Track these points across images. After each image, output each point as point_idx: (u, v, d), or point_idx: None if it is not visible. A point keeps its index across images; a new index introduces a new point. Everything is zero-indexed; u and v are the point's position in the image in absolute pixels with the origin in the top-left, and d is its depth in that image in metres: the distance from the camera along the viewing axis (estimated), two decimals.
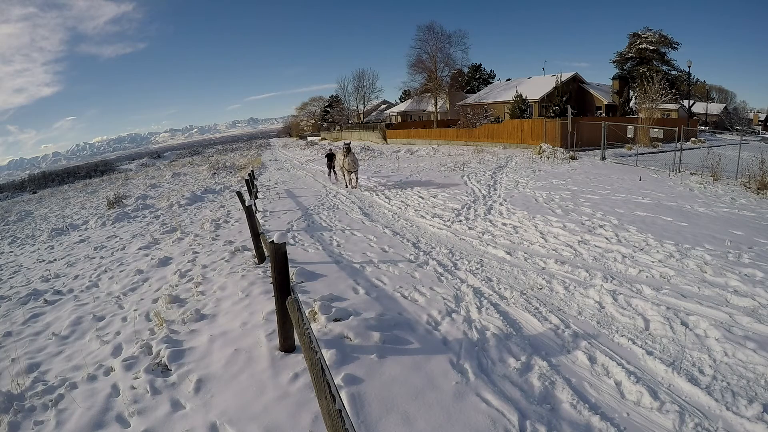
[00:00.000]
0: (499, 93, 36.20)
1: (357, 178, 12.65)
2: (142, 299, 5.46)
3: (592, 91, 33.48)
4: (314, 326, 3.80)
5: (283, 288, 3.24)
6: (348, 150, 12.18)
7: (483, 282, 4.90)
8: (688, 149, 15.72)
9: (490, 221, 7.52)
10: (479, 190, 10.60)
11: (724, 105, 47.41)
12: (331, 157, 14.90)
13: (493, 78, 50.28)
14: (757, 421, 2.55)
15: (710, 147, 15.89)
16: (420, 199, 9.98)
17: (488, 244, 6.24)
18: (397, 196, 10.75)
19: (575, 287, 4.57)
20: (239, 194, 8.97)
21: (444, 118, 38.64)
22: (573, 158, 15.09)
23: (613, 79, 33.14)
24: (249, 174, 14.12)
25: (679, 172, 11.60)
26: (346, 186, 12.72)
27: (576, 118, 19.33)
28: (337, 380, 2.97)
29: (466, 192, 10.41)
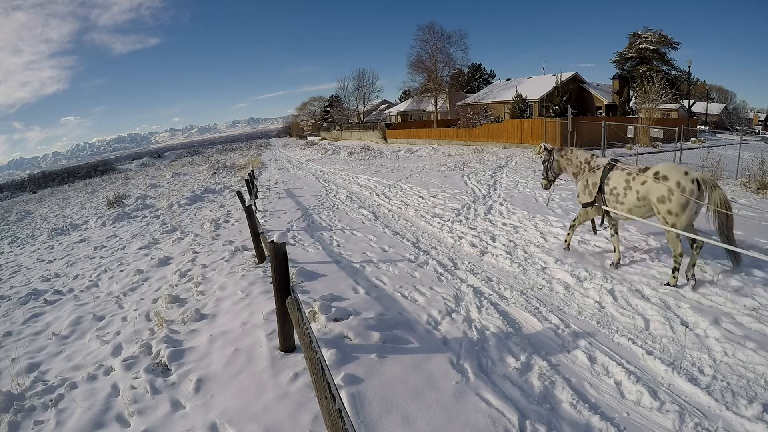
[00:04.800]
0: (499, 93, 36.20)
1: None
2: (142, 299, 5.47)
3: (592, 91, 33.47)
4: (314, 326, 3.80)
5: (283, 288, 3.24)
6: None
7: (483, 282, 4.90)
8: (688, 149, 15.73)
9: (490, 221, 7.51)
10: (479, 189, 10.60)
11: (724, 105, 47.40)
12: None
13: (493, 78, 50.31)
14: (757, 421, 2.55)
15: (710, 147, 15.87)
16: (420, 199, 9.97)
17: (488, 244, 6.24)
18: (397, 195, 10.76)
19: (575, 287, 4.57)
20: (239, 194, 8.97)
21: (444, 118, 38.64)
22: None
23: (613, 79, 33.13)
24: (249, 174, 14.10)
25: None
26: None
27: (576, 117, 19.33)
28: (337, 380, 2.97)
29: (466, 192, 10.41)
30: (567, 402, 2.83)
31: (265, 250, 5.87)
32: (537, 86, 32.74)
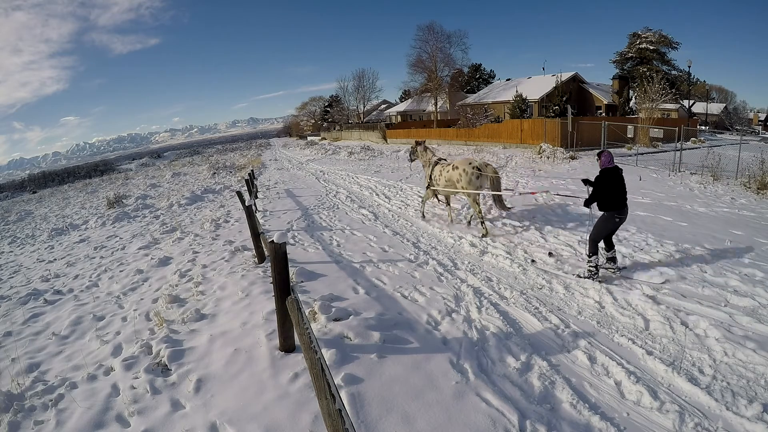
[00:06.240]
0: (499, 93, 36.17)
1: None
2: (142, 299, 5.46)
3: (592, 91, 33.45)
4: (314, 326, 3.80)
5: (283, 288, 3.24)
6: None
7: (483, 282, 4.90)
8: (688, 149, 15.71)
9: (490, 221, 7.51)
10: None
11: (724, 105, 47.36)
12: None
13: (493, 78, 50.26)
14: (757, 421, 2.55)
15: (710, 147, 15.88)
16: (420, 199, 9.96)
17: (488, 244, 6.24)
18: (397, 195, 10.75)
19: (575, 287, 4.57)
20: (239, 194, 8.97)
21: (444, 118, 38.61)
22: (573, 158, 15.09)
23: (613, 78, 33.11)
24: (249, 174, 14.11)
25: (679, 171, 11.60)
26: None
27: (576, 118, 19.31)
28: (337, 380, 2.97)
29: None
30: (567, 402, 2.83)
31: (265, 250, 5.87)
32: (537, 86, 32.71)
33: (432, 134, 29.70)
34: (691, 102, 33.10)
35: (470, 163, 6.75)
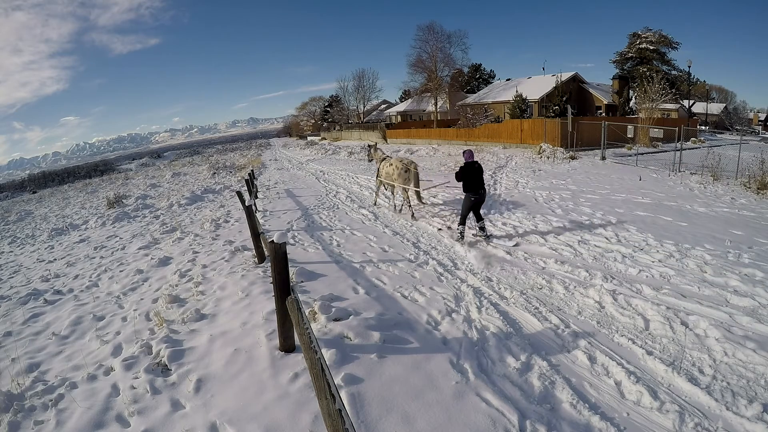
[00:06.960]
0: (499, 93, 36.17)
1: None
2: (142, 299, 5.46)
3: (592, 91, 33.45)
4: (314, 326, 3.80)
5: (283, 288, 3.24)
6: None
7: (483, 282, 4.90)
8: (688, 149, 15.72)
9: (491, 221, 7.51)
10: None
11: (724, 105, 47.36)
12: None
13: (493, 78, 50.25)
14: (757, 421, 2.55)
15: (710, 147, 15.89)
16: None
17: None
18: (397, 195, 10.74)
19: (575, 287, 4.57)
20: (239, 194, 8.97)
21: (444, 118, 38.60)
22: (573, 158, 15.09)
23: (613, 78, 33.10)
24: (249, 174, 14.11)
25: (679, 171, 11.60)
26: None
27: (576, 118, 19.30)
28: (337, 380, 2.97)
29: None
30: (567, 402, 2.83)
31: (265, 250, 5.87)
32: (537, 86, 32.70)
33: (432, 134, 29.70)
34: (691, 102, 33.10)
35: (401, 161, 8.62)
